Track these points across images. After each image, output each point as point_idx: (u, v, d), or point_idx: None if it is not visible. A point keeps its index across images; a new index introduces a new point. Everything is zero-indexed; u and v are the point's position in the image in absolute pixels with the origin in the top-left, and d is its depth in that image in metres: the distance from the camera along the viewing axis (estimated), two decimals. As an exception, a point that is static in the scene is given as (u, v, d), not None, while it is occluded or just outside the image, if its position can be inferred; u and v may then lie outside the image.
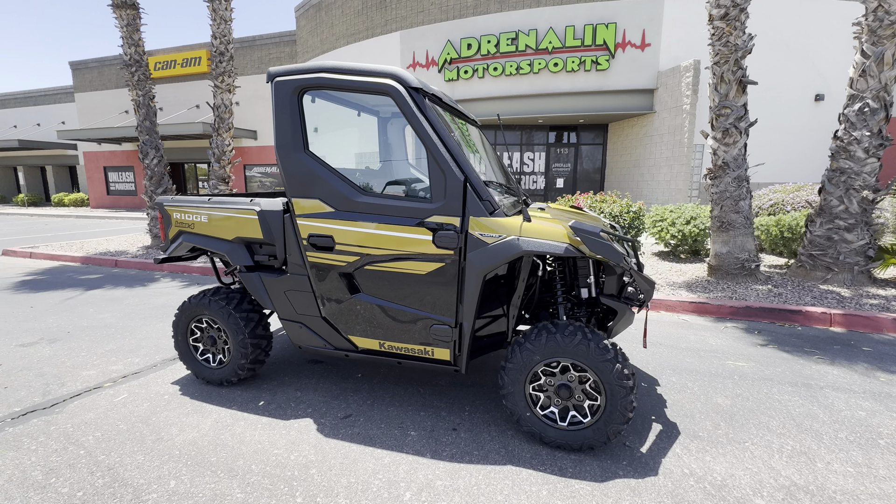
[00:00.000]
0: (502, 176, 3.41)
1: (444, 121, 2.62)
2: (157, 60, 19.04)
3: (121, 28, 7.81)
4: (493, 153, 3.44)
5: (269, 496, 1.87)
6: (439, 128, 2.16)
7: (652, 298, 2.82)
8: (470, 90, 12.28)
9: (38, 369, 3.14)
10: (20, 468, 2.04)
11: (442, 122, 2.26)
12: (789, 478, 1.97)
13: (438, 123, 2.17)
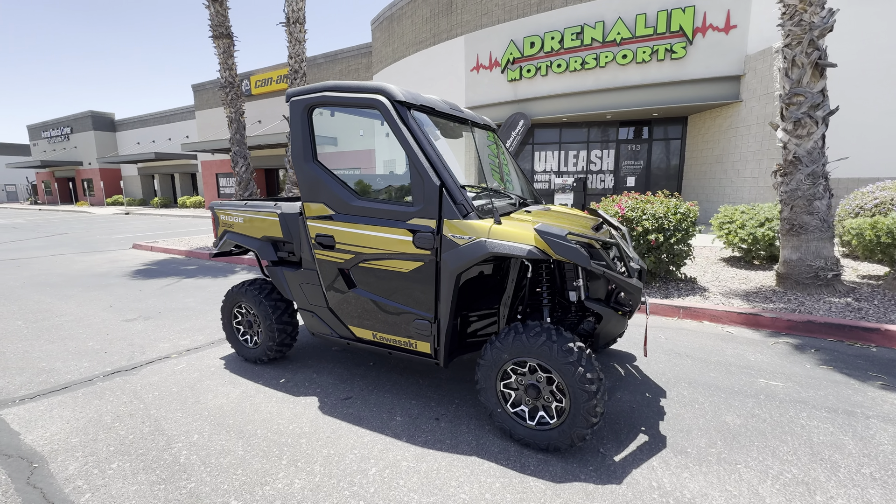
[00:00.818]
0: (515, 178, 3.47)
1: (430, 129, 2.79)
2: (257, 79, 21.61)
3: (218, 55, 9.12)
4: (507, 157, 3.51)
5: (262, 456, 2.20)
6: (419, 137, 2.33)
7: (640, 304, 2.67)
8: (533, 89, 12.11)
9: (131, 340, 3.92)
10: (98, 413, 2.65)
11: (427, 130, 2.43)
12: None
13: (419, 133, 2.34)
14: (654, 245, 4.71)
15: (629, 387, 2.90)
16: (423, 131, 2.39)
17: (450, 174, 2.31)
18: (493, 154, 3.51)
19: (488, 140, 3.42)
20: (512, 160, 3.55)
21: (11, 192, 42.83)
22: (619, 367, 3.22)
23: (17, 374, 3.21)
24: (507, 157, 3.53)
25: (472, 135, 3.10)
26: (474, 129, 3.28)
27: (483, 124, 3.34)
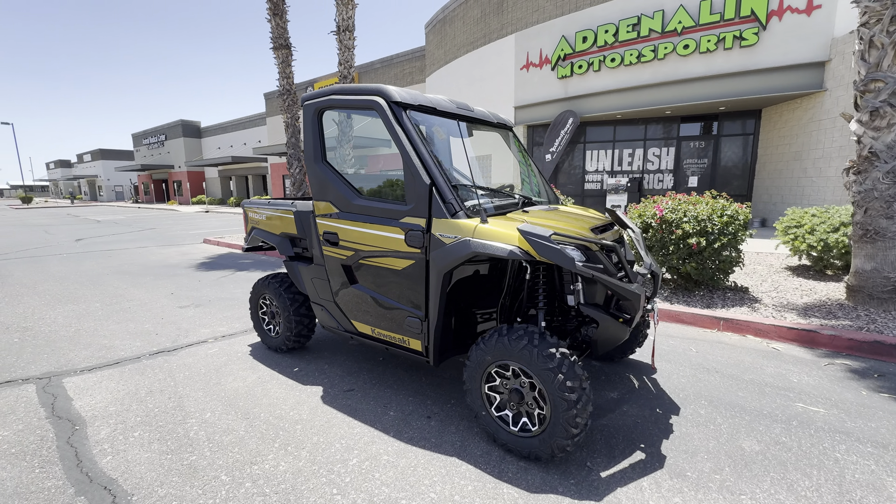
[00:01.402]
0: (530, 177, 3.38)
1: (434, 129, 2.81)
2: (320, 85, 22.91)
3: (277, 65, 9.82)
4: (521, 156, 3.43)
5: (259, 438, 2.36)
6: (412, 136, 2.35)
7: (647, 311, 2.47)
8: (584, 85, 11.65)
9: (179, 324, 4.36)
10: (136, 387, 2.98)
11: (424, 130, 2.44)
12: (767, 544, 1.61)
13: (412, 133, 2.36)
14: (696, 250, 4.34)
15: (639, 400, 2.71)
16: (418, 131, 2.41)
17: (441, 173, 2.31)
18: (507, 152, 3.45)
19: (504, 138, 3.38)
20: (526, 159, 3.47)
21: (119, 192, 49.19)
22: (634, 378, 3.02)
23: (83, 348, 3.70)
24: (522, 155, 3.45)
25: (489, 134, 3.08)
26: (485, 128, 3.25)
27: (497, 122, 3.29)
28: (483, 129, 3.40)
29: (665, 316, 4.23)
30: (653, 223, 4.64)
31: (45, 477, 2.05)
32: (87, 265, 7.80)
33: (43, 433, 2.42)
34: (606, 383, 2.96)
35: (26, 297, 5.49)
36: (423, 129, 2.73)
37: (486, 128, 3.35)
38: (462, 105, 2.97)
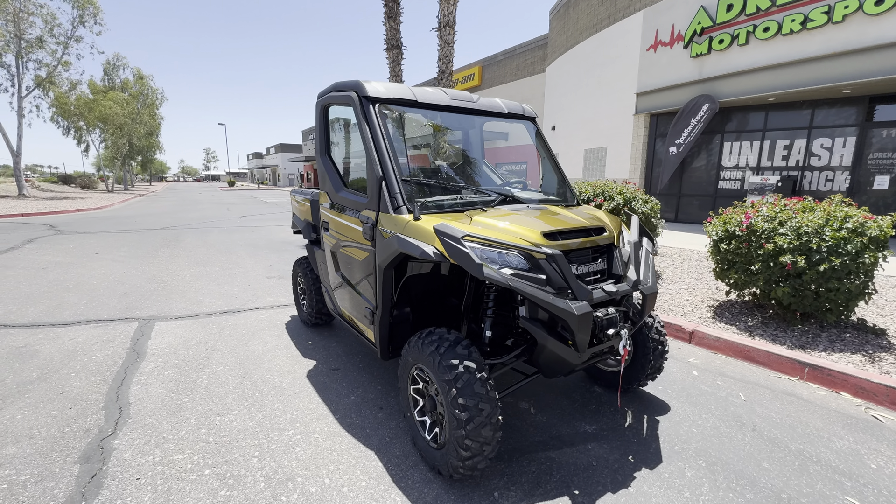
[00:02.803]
0: (552, 172, 3.13)
1: (414, 122, 2.78)
2: (446, 81, 23.90)
3: (389, 64, 10.60)
4: (541, 149, 3.15)
5: (239, 395, 2.73)
6: (374, 129, 2.37)
7: (584, 334, 1.98)
8: (725, 64, 9.71)
9: (256, 291, 5.20)
10: (192, 336, 3.70)
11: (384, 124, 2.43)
12: None
13: (375, 126, 2.38)
14: (791, 271, 3.35)
15: (616, 441, 2.28)
16: (382, 125, 2.41)
17: (393, 167, 2.29)
18: (530, 144, 3.21)
19: (528, 129, 3.17)
20: (549, 152, 3.17)
21: (292, 179, 59.62)
22: (631, 414, 2.54)
23: (183, 301, 4.72)
24: (543, 148, 3.17)
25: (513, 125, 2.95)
26: (500, 119, 3.07)
27: (510, 113, 3.06)
28: (499, 120, 3.22)
29: (730, 349, 3.39)
30: (738, 232, 3.73)
31: (96, 390, 2.75)
32: (234, 237, 9.75)
33: (117, 359, 3.22)
34: (591, 413, 2.56)
35: (180, 258, 7.17)
36: (424, 121, 2.72)
37: (500, 119, 3.16)
38: (462, 97, 2.85)
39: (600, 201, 5.35)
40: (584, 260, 2.17)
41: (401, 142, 2.56)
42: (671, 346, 3.62)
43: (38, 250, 7.57)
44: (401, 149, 2.49)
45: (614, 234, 2.32)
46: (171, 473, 2.01)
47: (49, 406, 2.56)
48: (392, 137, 2.43)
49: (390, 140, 2.37)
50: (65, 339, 3.58)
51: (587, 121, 13.98)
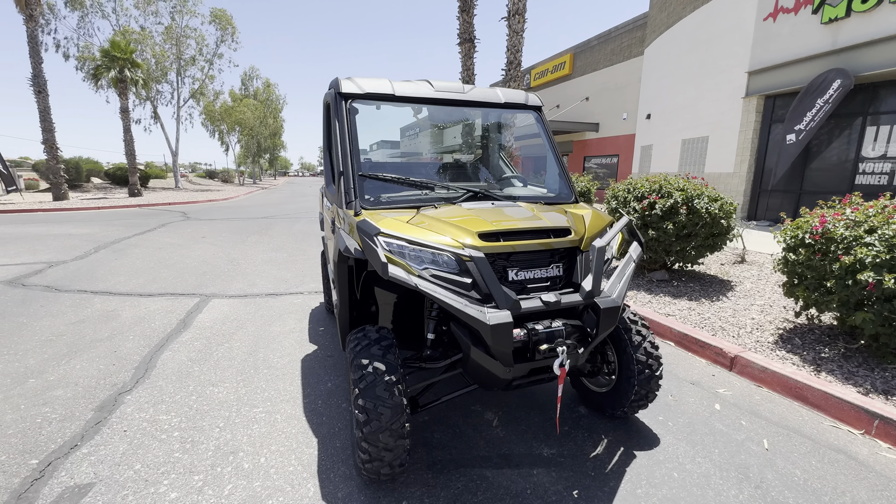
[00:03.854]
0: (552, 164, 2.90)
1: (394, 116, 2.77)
2: (536, 71, 23.06)
3: (461, 59, 10.59)
4: (545, 139, 2.90)
5: (238, 371, 3.02)
6: (342, 125, 2.41)
7: (502, 346, 1.67)
8: (870, 28, 7.74)
9: (304, 277, 5.67)
10: (233, 314, 4.19)
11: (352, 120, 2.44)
12: None
13: (343, 122, 2.42)
14: (876, 293, 2.58)
15: (570, 471, 2.02)
16: (349, 121, 2.44)
17: (352, 162, 2.31)
18: (498, 136, 2.98)
19: (535, 119, 2.96)
20: (551, 142, 2.90)
21: (390, 174, 63.44)
22: (606, 442, 2.22)
23: (242, 282, 5.35)
24: (547, 139, 2.92)
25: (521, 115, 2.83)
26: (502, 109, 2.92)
27: (507, 103, 2.86)
28: (502, 110, 3.06)
29: (779, 384, 2.74)
30: (809, 240, 2.99)
31: (138, 353, 3.28)
32: (315, 227, 10.73)
33: (167, 328, 3.80)
34: (558, 435, 2.29)
35: (262, 243, 8.13)
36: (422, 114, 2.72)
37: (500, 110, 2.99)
38: (451, 89, 2.75)
39: (654, 198, 4.71)
40: (531, 264, 1.95)
41: (372, 137, 2.56)
42: (703, 371, 3.07)
43: (164, 233, 9.22)
44: (365, 145, 2.49)
45: (580, 238, 2.04)
46: (150, 431, 2.31)
47: (102, 361, 3.13)
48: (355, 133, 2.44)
49: (353, 136, 2.39)
50: (141, 308, 4.33)
51: (686, 107, 12.33)
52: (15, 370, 2.97)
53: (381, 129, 3.39)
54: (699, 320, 3.77)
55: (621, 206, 5.10)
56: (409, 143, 4.16)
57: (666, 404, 2.62)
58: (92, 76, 20.72)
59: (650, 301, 4.34)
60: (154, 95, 27.23)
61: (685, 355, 3.34)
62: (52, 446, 2.17)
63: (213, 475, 1.98)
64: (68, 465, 2.03)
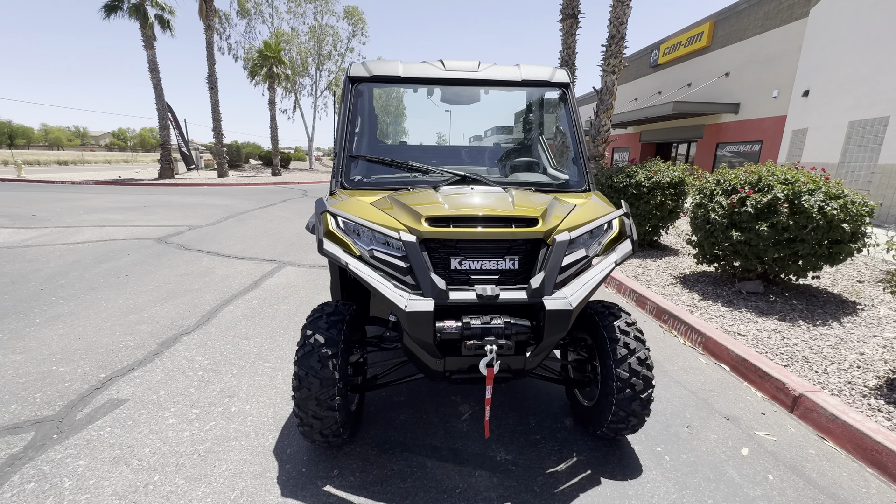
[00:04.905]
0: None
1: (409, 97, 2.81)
2: (666, 46, 20.32)
3: (561, 36, 9.89)
4: (565, 121, 2.64)
5: (273, 327, 3.43)
6: (346, 108, 2.51)
7: (423, 335, 1.49)
8: None
9: (370, 254, 6.07)
10: (299, 280, 4.73)
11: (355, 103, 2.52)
12: None
13: (347, 104, 2.52)
14: None
15: (514, 481, 1.86)
16: (351, 104, 2.52)
17: (345, 144, 2.40)
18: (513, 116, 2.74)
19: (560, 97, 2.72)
20: (573, 123, 2.60)
21: (502, 160, 62.99)
22: (575, 461, 1.98)
23: (312, 255, 5.96)
24: (568, 120, 2.64)
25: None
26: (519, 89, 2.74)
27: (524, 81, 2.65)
28: (525, 89, 2.86)
29: (849, 439, 2.08)
30: (939, 258, 2.17)
31: (210, 304, 3.94)
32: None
33: (240, 287, 4.46)
34: (526, 443, 2.12)
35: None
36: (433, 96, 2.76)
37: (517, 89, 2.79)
38: (462, 68, 2.65)
39: (747, 192, 3.86)
40: (481, 255, 1.81)
41: (376, 119, 2.60)
42: (750, 406, 2.49)
43: (281, 208, 10.70)
44: (369, 127, 2.55)
45: (550, 230, 1.81)
46: (183, 367, 2.79)
47: (183, 307, 3.85)
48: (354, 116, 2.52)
49: (352, 118, 2.47)
50: (232, 268, 5.15)
51: (860, 80, 9.66)
52: (127, 306, 3.83)
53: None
54: (778, 345, 3.04)
55: (707, 200, 4.31)
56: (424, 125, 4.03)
57: (675, 435, 2.21)
58: (250, 73, 24.71)
59: (721, 315, 3.62)
60: (297, 88, 31.33)
61: (736, 384, 2.74)
62: (118, 367, 2.77)
63: (207, 412, 2.32)
64: (120, 383, 2.58)
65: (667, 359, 3.07)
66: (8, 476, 1.83)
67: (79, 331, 3.28)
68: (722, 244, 4.16)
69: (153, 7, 17.71)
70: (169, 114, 18.76)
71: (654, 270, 5.07)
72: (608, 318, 2.04)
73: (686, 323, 3.42)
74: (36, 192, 13.17)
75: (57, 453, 1.97)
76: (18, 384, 2.53)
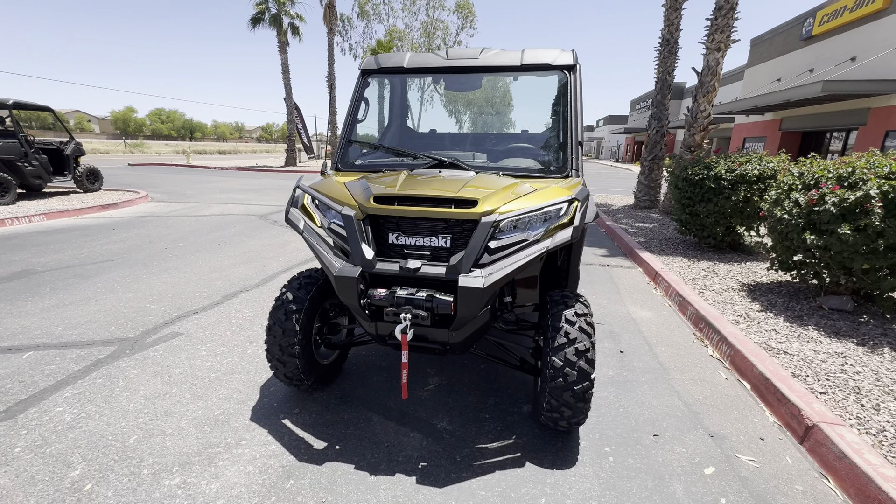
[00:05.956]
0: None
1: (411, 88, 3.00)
2: (824, 13, 16.69)
3: (665, 9, 8.89)
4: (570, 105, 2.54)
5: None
6: (354, 96, 2.79)
7: (350, 298, 1.56)
8: None
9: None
10: (347, 256, 5.29)
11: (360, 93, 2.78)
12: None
13: (355, 93, 2.80)
14: None
15: (428, 451, 1.97)
16: (359, 92, 2.78)
17: (347, 130, 2.68)
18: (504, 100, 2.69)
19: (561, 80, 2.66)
20: (571, 109, 2.50)
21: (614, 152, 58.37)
22: (514, 442, 2.01)
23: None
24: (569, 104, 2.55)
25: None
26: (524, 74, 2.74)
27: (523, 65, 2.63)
28: (526, 75, 2.85)
29: (855, 485, 1.71)
30: None
31: (273, 270, 4.65)
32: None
33: (303, 258, 5.15)
34: (468, 418, 2.19)
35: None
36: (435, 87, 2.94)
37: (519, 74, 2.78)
38: (463, 55, 2.75)
39: (831, 188, 3.17)
40: (417, 232, 1.93)
41: (408, 109, 2.84)
42: (748, 430, 2.16)
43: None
44: (400, 116, 2.80)
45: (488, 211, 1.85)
46: (230, 316, 3.42)
47: (253, 271, 4.62)
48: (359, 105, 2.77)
49: (355, 107, 2.74)
50: (304, 243, 5.92)
51: None
52: (214, 265, 4.74)
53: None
54: (831, 371, 2.53)
55: (784, 195, 3.65)
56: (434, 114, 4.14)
57: (635, 440, 2.06)
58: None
59: (775, 329, 3.10)
60: (406, 82, 33.15)
61: (750, 404, 2.38)
62: (188, 309, 3.52)
63: (230, 350, 2.85)
64: (183, 321, 3.29)
65: (679, 367, 2.78)
66: (89, 372, 2.54)
67: (175, 280, 4.20)
68: (799, 249, 3.51)
69: (287, 17, 20.41)
70: (295, 110, 21.58)
71: (721, 275, 4.45)
72: (558, 305, 2.00)
73: (719, 333, 3.02)
74: (194, 175, 16.42)
75: (123, 363, 2.66)
76: (122, 313, 3.40)
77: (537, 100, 3.08)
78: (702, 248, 5.64)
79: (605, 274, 4.87)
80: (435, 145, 3.26)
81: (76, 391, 2.34)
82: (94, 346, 2.84)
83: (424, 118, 3.53)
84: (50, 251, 5.17)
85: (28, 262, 4.71)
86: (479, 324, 1.91)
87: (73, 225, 6.83)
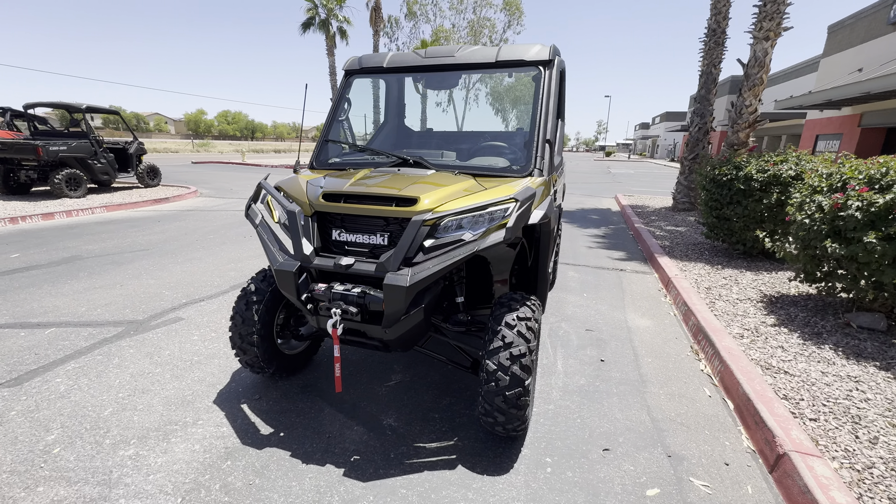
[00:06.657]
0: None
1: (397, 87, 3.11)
2: (918, -7, 14.66)
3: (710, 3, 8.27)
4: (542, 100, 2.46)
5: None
6: (335, 100, 2.88)
7: (289, 290, 1.60)
8: None
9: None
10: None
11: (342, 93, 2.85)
12: None
13: (337, 94, 2.88)
14: None
15: (378, 441, 1.99)
16: (339, 92, 2.86)
17: (325, 128, 2.77)
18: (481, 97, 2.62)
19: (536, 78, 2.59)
20: (544, 104, 2.41)
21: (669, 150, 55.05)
22: (455, 444, 1.99)
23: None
24: (544, 99, 2.46)
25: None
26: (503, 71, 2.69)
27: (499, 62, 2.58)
28: (501, 71, 2.80)
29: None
30: None
31: (284, 263, 4.88)
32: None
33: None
34: (418, 410, 2.19)
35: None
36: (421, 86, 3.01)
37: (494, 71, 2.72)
38: (440, 53, 2.74)
39: (859, 190, 2.81)
40: (358, 229, 1.96)
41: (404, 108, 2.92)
42: (713, 453, 1.98)
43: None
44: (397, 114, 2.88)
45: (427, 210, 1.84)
46: (230, 304, 3.64)
47: (265, 264, 4.87)
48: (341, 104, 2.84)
49: (335, 106, 2.82)
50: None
51: None
52: (233, 257, 5.05)
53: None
54: (834, 396, 2.26)
55: (808, 198, 3.29)
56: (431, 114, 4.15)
57: (582, 453, 1.96)
58: (409, 71, 27.40)
59: (781, 346, 2.80)
60: (451, 81, 33.28)
61: (728, 426, 2.17)
62: (196, 297, 3.79)
63: (218, 337, 3.04)
64: (188, 308, 3.55)
65: (660, 381, 2.60)
66: (94, 349, 2.82)
67: (194, 270, 4.53)
68: (825, 259, 3.15)
69: (335, 20, 21.21)
70: (340, 110, 22.38)
71: (742, 285, 4.09)
72: (502, 308, 1.95)
73: (714, 346, 2.78)
74: (245, 173, 17.53)
75: (125, 342, 2.92)
76: (138, 297, 3.73)
77: (519, 96, 2.99)
78: (731, 255, 5.20)
79: (616, 278, 4.64)
80: (424, 143, 3.29)
81: (77, 365, 2.61)
82: (105, 326, 3.15)
83: (412, 117, 3.54)
84: (99, 239, 5.77)
85: (79, 248, 5.29)
86: (412, 322, 1.91)
87: (127, 217, 7.56)
